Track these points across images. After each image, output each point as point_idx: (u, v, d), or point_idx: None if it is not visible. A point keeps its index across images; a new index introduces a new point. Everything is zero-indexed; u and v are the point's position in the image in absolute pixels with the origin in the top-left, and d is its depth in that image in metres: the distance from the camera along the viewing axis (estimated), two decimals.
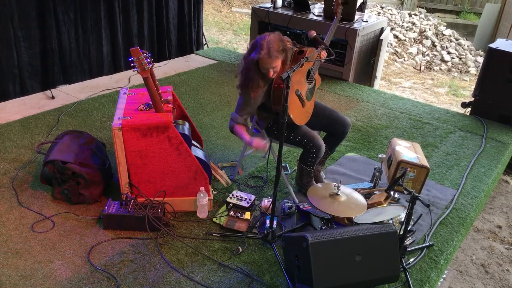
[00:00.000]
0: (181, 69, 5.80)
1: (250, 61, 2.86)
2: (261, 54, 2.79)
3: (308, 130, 3.11)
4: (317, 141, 3.05)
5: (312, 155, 3.08)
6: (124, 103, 3.09)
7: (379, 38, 5.87)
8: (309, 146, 3.05)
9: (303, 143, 3.06)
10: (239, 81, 2.98)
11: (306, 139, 3.05)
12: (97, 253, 2.69)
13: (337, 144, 3.37)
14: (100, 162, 3.20)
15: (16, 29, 4.44)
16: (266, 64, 2.82)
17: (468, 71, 8.18)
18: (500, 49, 4.80)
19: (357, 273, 2.35)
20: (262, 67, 2.85)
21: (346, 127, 3.25)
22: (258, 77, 2.88)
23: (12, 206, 3.04)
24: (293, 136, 3.08)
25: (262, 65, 2.84)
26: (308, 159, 3.12)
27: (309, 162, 3.14)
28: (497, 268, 3.43)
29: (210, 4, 10.69)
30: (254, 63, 2.85)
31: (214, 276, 2.58)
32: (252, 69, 2.86)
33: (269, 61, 2.80)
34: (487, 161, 4.12)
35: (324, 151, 3.13)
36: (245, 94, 2.94)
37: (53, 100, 4.67)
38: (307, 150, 3.08)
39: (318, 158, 3.12)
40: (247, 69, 2.89)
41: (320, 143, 3.06)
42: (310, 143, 3.05)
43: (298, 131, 3.08)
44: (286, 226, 3.01)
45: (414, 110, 5.13)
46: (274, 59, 2.80)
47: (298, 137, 3.07)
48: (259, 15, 6.05)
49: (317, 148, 3.05)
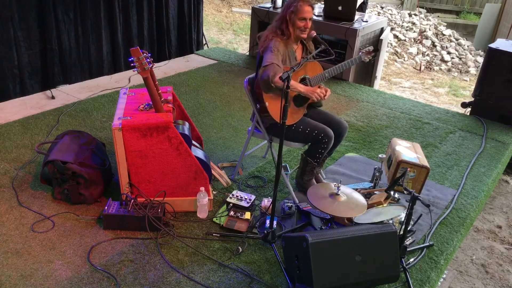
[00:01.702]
0: (181, 69, 5.80)
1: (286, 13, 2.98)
2: (299, 3, 2.92)
3: (318, 122, 3.12)
4: (329, 132, 3.06)
5: (323, 146, 3.07)
6: (124, 103, 3.09)
7: (379, 38, 5.88)
8: (321, 136, 3.04)
9: (314, 134, 3.06)
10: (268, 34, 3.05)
11: (317, 130, 3.05)
12: (97, 253, 2.69)
13: (335, 147, 3.36)
14: (100, 162, 3.20)
15: (16, 29, 4.44)
16: (305, 13, 2.93)
17: (468, 71, 8.18)
18: (500, 49, 4.80)
19: (357, 273, 2.35)
20: (298, 18, 2.94)
21: (343, 129, 3.24)
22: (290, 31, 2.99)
23: (12, 206, 3.04)
24: (302, 129, 3.08)
25: (300, 14, 2.93)
26: (318, 151, 3.11)
27: (318, 154, 3.13)
28: (497, 268, 3.43)
29: (210, 4, 10.69)
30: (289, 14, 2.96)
31: (214, 276, 2.58)
32: (285, 22, 2.98)
33: (308, 9, 2.93)
34: (487, 161, 4.12)
35: (332, 143, 3.14)
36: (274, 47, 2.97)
37: (53, 100, 4.67)
38: (319, 141, 3.07)
39: (327, 150, 3.12)
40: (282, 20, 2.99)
41: (331, 134, 3.07)
42: (321, 133, 3.04)
43: (308, 124, 3.09)
44: (286, 226, 3.01)
45: (414, 110, 5.13)
46: (311, 8, 2.96)
47: (308, 129, 3.07)
48: (259, 15, 6.05)
49: (329, 138, 3.05)
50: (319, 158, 3.15)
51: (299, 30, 2.99)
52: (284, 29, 2.99)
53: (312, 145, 3.15)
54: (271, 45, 2.96)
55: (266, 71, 2.86)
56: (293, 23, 2.97)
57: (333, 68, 3.10)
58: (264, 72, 2.87)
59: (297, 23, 2.97)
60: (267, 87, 2.90)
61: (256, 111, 3.15)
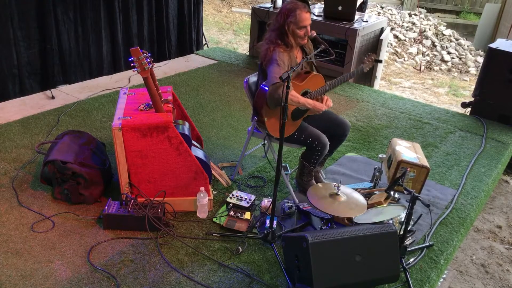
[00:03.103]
0: (181, 69, 5.80)
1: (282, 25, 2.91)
2: (297, 11, 2.85)
3: (313, 129, 3.11)
4: (323, 140, 3.05)
5: (316, 153, 3.08)
6: (124, 103, 3.09)
7: (379, 38, 5.87)
8: (315, 144, 3.04)
9: (308, 141, 3.06)
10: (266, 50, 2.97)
11: (312, 138, 3.05)
12: (97, 253, 2.69)
13: (337, 146, 3.36)
14: (100, 162, 3.20)
15: (16, 29, 4.44)
16: (304, 21, 2.87)
17: (468, 71, 8.18)
18: (500, 49, 4.80)
19: (357, 273, 2.34)
20: (298, 27, 2.88)
21: (346, 129, 3.24)
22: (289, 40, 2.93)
23: (12, 206, 3.04)
24: (297, 135, 3.08)
25: (300, 23, 2.86)
26: (312, 157, 3.12)
27: (313, 160, 3.13)
28: (497, 268, 3.43)
29: (210, 4, 10.69)
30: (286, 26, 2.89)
31: (214, 276, 2.58)
32: (284, 33, 2.90)
33: (307, 15, 2.86)
34: (487, 161, 4.12)
35: (328, 150, 3.13)
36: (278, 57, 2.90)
37: (53, 100, 4.67)
38: (312, 148, 3.07)
39: (322, 156, 3.12)
40: (279, 32, 2.92)
41: (326, 141, 3.06)
42: (315, 141, 3.04)
43: (304, 131, 3.08)
44: (286, 226, 3.01)
45: (414, 110, 5.13)
46: (309, 13, 2.89)
47: (303, 136, 3.07)
48: (259, 15, 6.05)
49: (322, 146, 3.04)
50: (314, 163, 3.16)
51: (300, 39, 2.95)
52: (285, 40, 2.91)
53: (307, 150, 3.16)
54: (275, 57, 2.87)
55: (278, 90, 2.77)
56: (293, 33, 2.90)
57: (334, 81, 3.06)
58: (276, 91, 2.79)
59: (298, 32, 2.91)
60: (276, 104, 2.83)
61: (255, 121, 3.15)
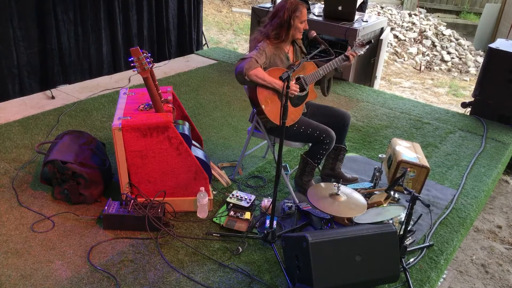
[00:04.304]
0: (181, 69, 5.80)
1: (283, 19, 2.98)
2: (300, 7, 2.96)
3: (319, 123, 3.11)
4: (331, 133, 3.04)
5: (324, 147, 3.06)
6: (124, 103, 3.09)
7: (379, 38, 5.88)
8: (322, 137, 3.03)
9: (316, 135, 3.04)
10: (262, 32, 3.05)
11: (319, 131, 3.04)
12: (97, 253, 2.69)
13: (344, 137, 3.33)
14: (100, 162, 3.20)
15: (16, 29, 4.44)
16: (305, 16, 2.99)
17: (468, 71, 8.18)
18: (500, 49, 4.80)
19: (357, 273, 2.34)
20: (301, 21, 2.99)
21: (346, 118, 3.25)
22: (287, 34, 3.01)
23: (12, 206, 3.04)
24: (303, 129, 3.07)
25: (303, 18, 2.98)
26: (319, 152, 3.10)
27: (319, 155, 3.12)
28: (497, 268, 3.43)
29: (210, 4, 10.69)
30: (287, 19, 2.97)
31: (214, 276, 2.58)
32: (285, 27, 2.98)
33: (305, 11, 2.99)
34: (487, 161, 4.12)
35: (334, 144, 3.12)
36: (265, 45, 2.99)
37: (53, 100, 4.67)
38: (320, 141, 3.05)
39: (328, 151, 3.11)
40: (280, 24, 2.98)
41: (333, 135, 3.05)
42: (323, 134, 3.03)
43: (309, 125, 3.08)
44: (286, 226, 3.01)
45: (414, 110, 5.13)
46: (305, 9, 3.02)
47: (310, 129, 3.05)
48: (259, 15, 6.05)
49: (330, 139, 3.04)
50: (319, 159, 3.14)
51: (300, 33, 3.05)
52: (283, 33, 2.98)
53: (313, 146, 3.14)
54: (258, 45, 3.00)
55: (242, 63, 2.89)
56: (296, 27, 3.00)
57: (327, 65, 3.09)
58: (240, 63, 2.89)
59: (300, 26, 3.02)
60: (240, 79, 2.91)
61: (256, 114, 3.14)
